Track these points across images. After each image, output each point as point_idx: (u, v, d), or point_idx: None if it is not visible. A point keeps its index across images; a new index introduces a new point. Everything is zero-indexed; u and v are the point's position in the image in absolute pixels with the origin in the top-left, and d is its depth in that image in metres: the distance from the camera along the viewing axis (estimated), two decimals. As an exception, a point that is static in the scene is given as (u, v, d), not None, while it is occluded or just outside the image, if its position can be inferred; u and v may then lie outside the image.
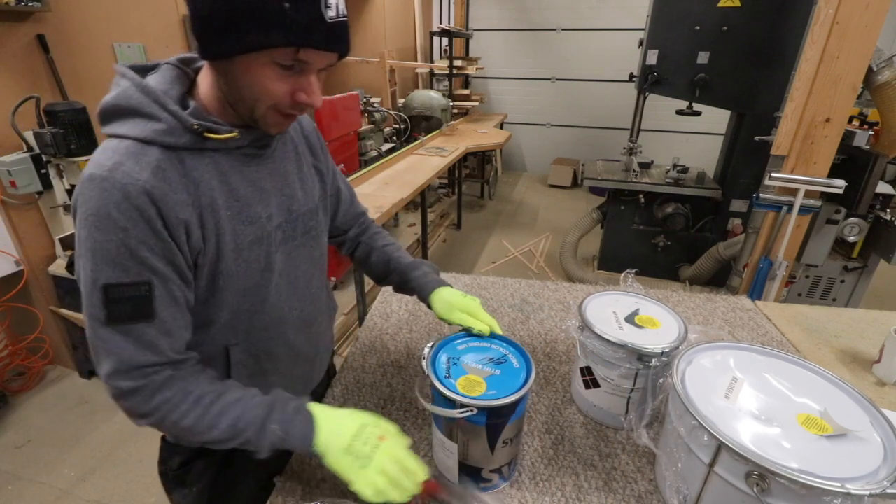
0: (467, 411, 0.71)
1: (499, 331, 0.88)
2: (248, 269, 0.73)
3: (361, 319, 2.58)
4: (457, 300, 0.91)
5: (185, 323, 0.69)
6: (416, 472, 0.68)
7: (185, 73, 0.71)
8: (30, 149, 2.11)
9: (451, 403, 0.73)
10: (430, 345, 0.83)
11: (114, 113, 0.65)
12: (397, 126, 4.33)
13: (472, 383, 0.76)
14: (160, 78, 0.68)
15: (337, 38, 0.62)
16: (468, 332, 0.89)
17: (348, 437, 0.67)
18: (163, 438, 0.89)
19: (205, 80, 0.69)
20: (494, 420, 0.74)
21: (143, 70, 0.70)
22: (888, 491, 0.57)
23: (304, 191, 0.84)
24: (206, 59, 0.65)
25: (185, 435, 0.67)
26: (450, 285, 0.96)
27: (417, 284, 0.97)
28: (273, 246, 0.77)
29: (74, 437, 2.19)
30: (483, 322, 0.88)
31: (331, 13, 0.59)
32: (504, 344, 0.87)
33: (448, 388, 0.73)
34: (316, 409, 0.70)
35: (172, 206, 0.62)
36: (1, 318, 2.31)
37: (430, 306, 0.94)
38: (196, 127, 0.64)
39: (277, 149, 0.79)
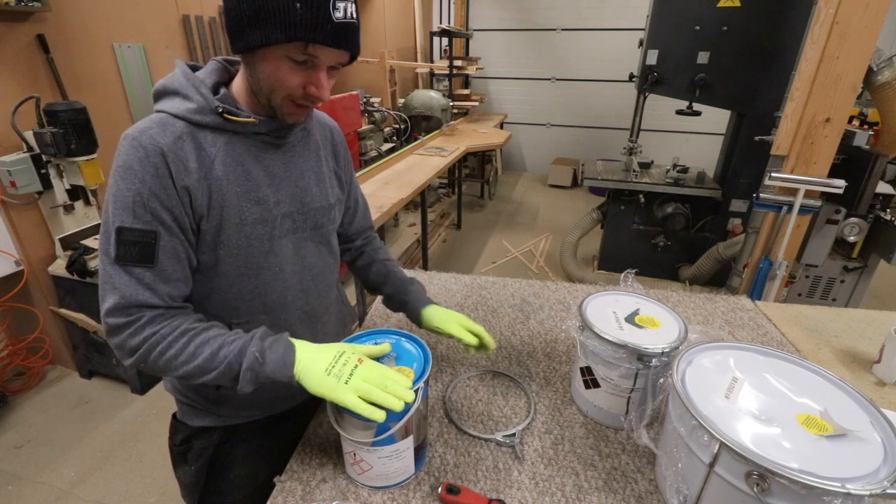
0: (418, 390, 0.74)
1: (490, 343, 0.96)
2: (250, 245, 0.80)
3: (361, 319, 2.58)
4: (452, 314, 0.99)
5: (184, 276, 0.77)
6: (401, 380, 0.72)
7: (226, 69, 0.83)
8: (30, 149, 2.11)
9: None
10: None
11: (162, 92, 0.77)
12: (397, 126, 4.33)
13: (401, 373, 0.77)
14: (204, 70, 0.81)
15: (343, 37, 0.70)
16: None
17: (327, 361, 0.72)
18: (173, 415, 0.97)
19: (240, 75, 0.80)
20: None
21: (196, 68, 0.82)
22: (888, 491, 0.57)
23: (319, 188, 0.90)
24: (235, 52, 0.75)
25: (170, 368, 0.72)
26: (438, 304, 1.04)
27: (413, 298, 1.04)
28: (278, 231, 0.83)
29: (74, 437, 2.19)
30: (478, 335, 0.96)
31: (338, 14, 0.67)
32: (375, 335, 0.88)
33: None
34: (295, 340, 0.76)
35: (181, 171, 0.72)
36: (1, 318, 2.31)
37: (421, 317, 1.01)
38: (219, 108, 0.74)
39: (298, 145, 0.87)
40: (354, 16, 0.71)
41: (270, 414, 0.98)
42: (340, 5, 0.68)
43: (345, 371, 0.71)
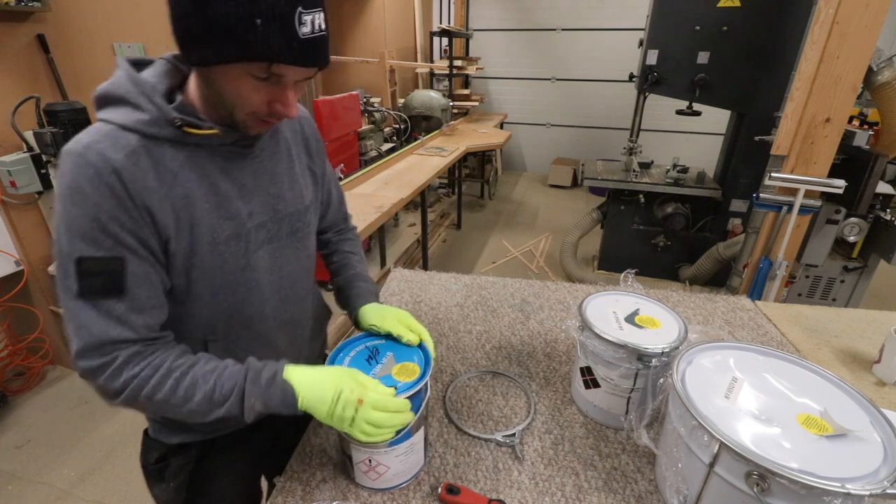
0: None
1: (429, 341, 0.85)
2: (225, 264, 0.74)
3: (361, 319, 2.57)
4: (390, 309, 0.90)
5: (159, 302, 0.70)
6: (402, 411, 0.71)
7: (178, 69, 0.73)
8: (30, 149, 2.11)
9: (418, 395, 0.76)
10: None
11: (105, 100, 0.67)
12: (397, 126, 4.33)
13: (405, 370, 0.79)
14: (152, 71, 0.70)
15: (311, 54, 0.63)
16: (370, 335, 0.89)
17: (328, 404, 0.69)
18: (145, 432, 0.90)
19: (194, 80, 0.70)
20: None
21: (143, 64, 0.72)
22: (888, 491, 0.57)
23: (292, 191, 0.84)
24: (188, 65, 0.68)
25: (163, 410, 0.68)
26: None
27: (355, 294, 0.96)
28: (253, 244, 0.77)
29: (74, 437, 2.18)
30: (414, 332, 0.86)
31: (305, 30, 0.60)
32: (370, 338, 0.88)
33: (414, 384, 0.75)
34: (292, 375, 0.71)
35: (139, 191, 0.64)
36: (1, 318, 2.31)
37: (358, 317, 0.92)
38: (177, 121, 0.66)
39: (266, 149, 0.80)
40: (323, 27, 0.63)
41: (250, 425, 0.91)
42: (307, 18, 0.60)
43: (346, 416, 0.68)
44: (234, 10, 0.56)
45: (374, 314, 0.89)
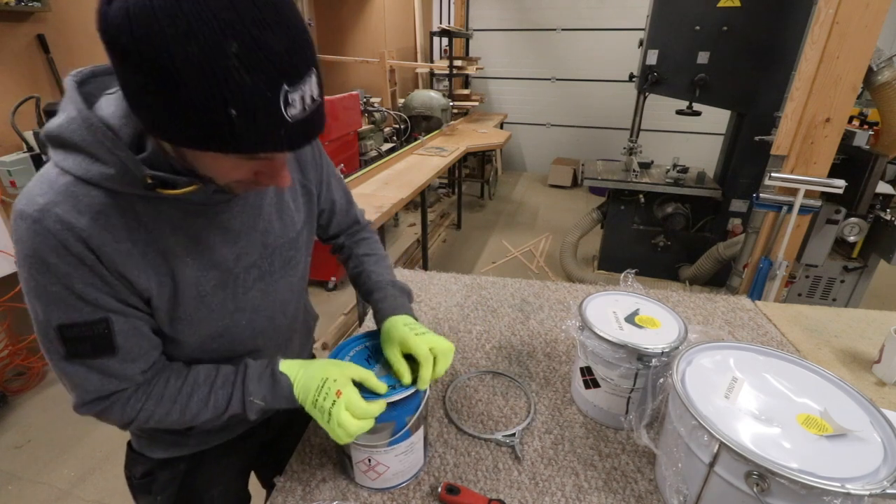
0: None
1: (426, 377, 0.74)
2: (212, 314, 0.70)
3: (361, 319, 2.58)
4: (399, 334, 0.76)
5: (152, 345, 0.67)
6: (364, 419, 0.68)
7: None
8: (30, 149, 2.12)
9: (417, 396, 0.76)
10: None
11: (58, 143, 0.56)
12: (397, 126, 4.33)
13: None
14: (114, 106, 0.57)
15: (302, 136, 0.52)
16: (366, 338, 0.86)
17: (312, 391, 0.68)
18: (128, 444, 0.87)
19: None
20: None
21: (105, 75, 0.61)
22: (888, 491, 0.57)
23: (282, 221, 0.76)
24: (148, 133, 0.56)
25: (173, 428, 0.70)
26: (409, 313, 0.84)
27: (378, 308, 0.86)
28: (242, 287, 0.72)
29: (74, 437, 2.19)
30: (422, 359, 0.74)
31: (293, 111, 0.48)
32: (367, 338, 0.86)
33: (410, 387, 0.74)
34: (289, 368, 0.71)
35: (111, 256, 0.57)
36: (1, 318, 2.31)
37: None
38: (149, 180, 0.54)
39: None
40: (316, 96, 0.51)
41: (241, 432, 0.91)
42: (295, 96, 0.48)
43: (325, 405, 0.66)
44: (202, 96, 0.44)
45: (384, 336, 0.80)
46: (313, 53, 0.50)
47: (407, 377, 0.74)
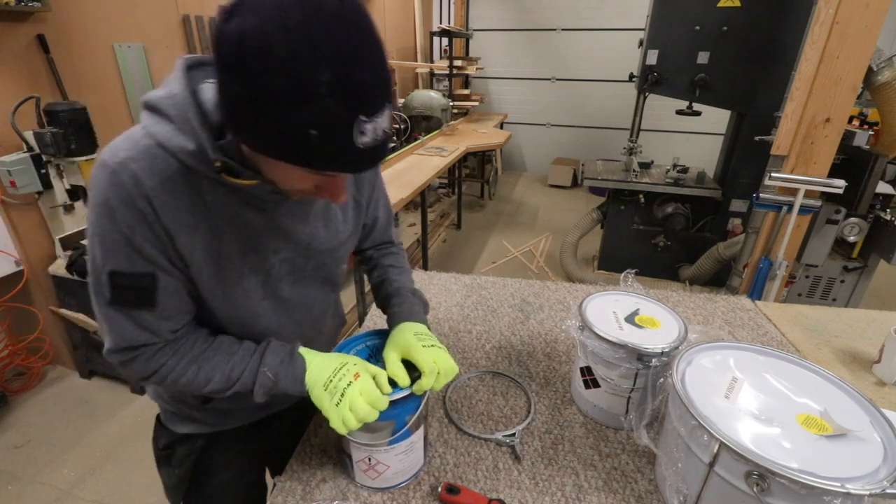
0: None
1: (425, 383, 0.74)
2: (246, 295, 0.75)
3: (361, 319, 2.58)
4: (405, 340, 0.78)
5: (187, 308, 0.72)
6: (379, 405, 0.71)
7: None
8: (30, 149, 2.11)
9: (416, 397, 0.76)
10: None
11: (153, 110, 0.63)
12: (397, 126, 4.33)
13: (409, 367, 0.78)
14: (212, 94, 0.63)
15: (368, 162, 0.57)
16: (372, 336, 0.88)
17: (329, 372, 0.72)
18: (157, 417, 0.95)
19: None
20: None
21: (211, 66, 0.63)
22: (888, 491, 0.57)
23: (328, 229, 0.81)
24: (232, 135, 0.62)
25: (186, 390, 0.73)
26: (423, 321, 0.85)
27: (391, 312, 0.89)
28: (274, 276, 0.77)
29: (74, 437, 2.18)
30: (425, 369, 0.74)
31: (364, 139, 0.53)
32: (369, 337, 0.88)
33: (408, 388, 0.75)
34: (306, 353, 0.76)
35: (170, 222, 0.63)
36: (1, 318, 2.31)
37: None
38: (217, 164, 0.60)
39: None
40: (387, 129, 0.55)
41: (255, 420, 0.96)
42: (368, 127, 0.52)
43: (340, 385, 0.70)
44: (288, 114, 0.50)
45: (390, 341, 0.81)
46: (391, 91, 0.56)
47: (402, 381, 0.74)
